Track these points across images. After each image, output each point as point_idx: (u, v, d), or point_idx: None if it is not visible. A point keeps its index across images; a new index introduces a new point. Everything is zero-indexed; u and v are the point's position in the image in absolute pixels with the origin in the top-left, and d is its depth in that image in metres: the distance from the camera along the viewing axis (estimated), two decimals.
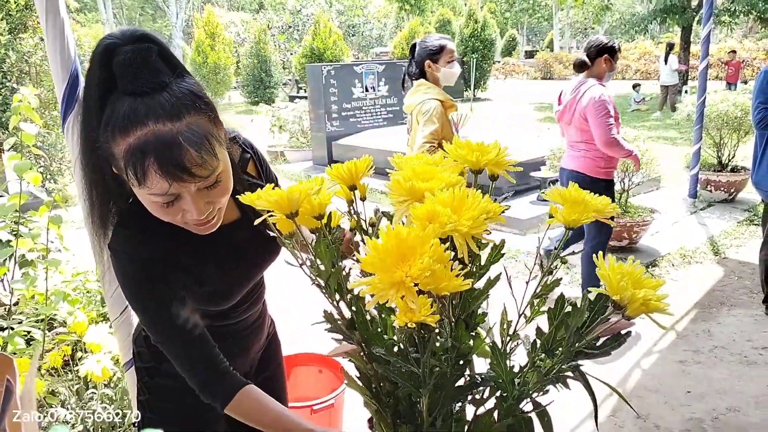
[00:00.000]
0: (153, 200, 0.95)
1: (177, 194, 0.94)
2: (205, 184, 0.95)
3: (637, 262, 0.62)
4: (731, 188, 6.06)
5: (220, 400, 1.08)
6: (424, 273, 0.62)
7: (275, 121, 9.70)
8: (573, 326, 0.65)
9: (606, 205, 0.68)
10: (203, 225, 1.02)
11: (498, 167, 0.77)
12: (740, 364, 3.10)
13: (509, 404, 0.78)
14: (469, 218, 0.66)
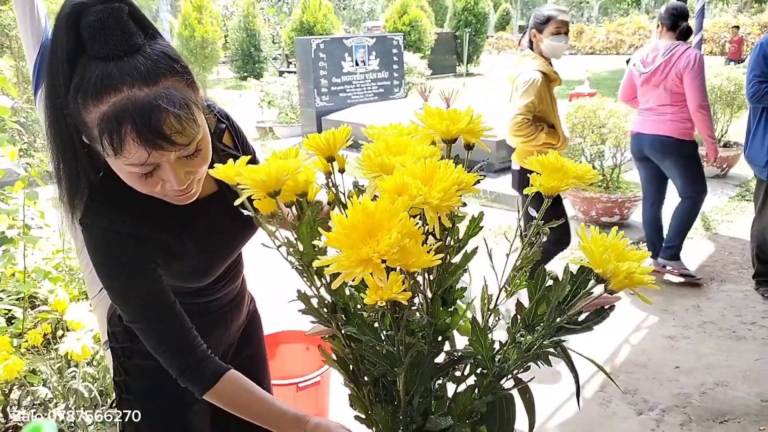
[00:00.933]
0: (130, 171, 0.90)
1: (156, 164, 0.89)
2: (186, 152, 0.90)
3: (621, 233, 0.58)
4: (723, 164, 6.05)
5: (200, 386, 1.04)
6: (393, 249, 0.58)
7: (264, 96, 9.58)
8: (554, 301, 0.62)
9: (587, 171, 0.64)
10: (183, 195, 0.97)
11: (472, 136, 0.72)
12: (729, 339, 3.10)
13: (489, 381, 0.75)
14: (440, 190, 0.62)
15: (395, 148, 0.69)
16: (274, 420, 1.03)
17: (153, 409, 1.26)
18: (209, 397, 1.04)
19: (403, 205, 0.58)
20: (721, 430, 2.42)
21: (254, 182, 0.72)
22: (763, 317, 3.30)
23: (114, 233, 0.99)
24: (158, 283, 1.03)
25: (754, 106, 3.31)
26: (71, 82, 0.86)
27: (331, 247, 0.60)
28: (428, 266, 0.60)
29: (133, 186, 0.93)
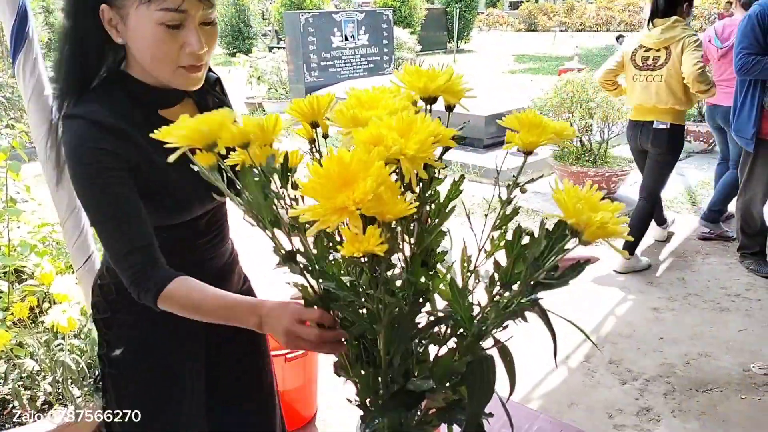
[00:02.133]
0: (159, 19, 0.95)
1: (184, 17, 0.96)
2: (207, 17, 1.00)
3: (594, 187, 0.59)
4: (710, 138, 6.07)
5: (153, 290, 1.00)
6: (367, 196, 0.57)
7: (253, 72, 9.47)
8: (531, 256, 0.62)
9: (564, 127, 0.64)
10: (196, 69, 1.03)
11: (452, 95, 0.72)
12: (713, 311, 3.14)
13: (469, 342, 0.75)
14: (416, 141, 0.62)
15: (368, 103, 0.69)
16: (230, 313, 0.99)
17: (136, 381, 1.25)
18: (163, 303, 1.01)
19: (378, 155, 0.58)
20: (703, 399, 2.46)
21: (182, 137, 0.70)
22: (747, 289, 3.35)
23: (94, 123, 1.00)
24: (127, 187, 1.01)
25: (741, 79, 3.31)
26: None
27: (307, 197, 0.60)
28: (404, 215, 0.60)
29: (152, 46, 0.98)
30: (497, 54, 18.21)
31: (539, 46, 20.03)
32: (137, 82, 1.07)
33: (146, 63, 1.02)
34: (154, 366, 1.24)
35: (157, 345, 1.24)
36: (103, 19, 0.99)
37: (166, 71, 1.02)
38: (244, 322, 0.97)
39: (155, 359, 1.24)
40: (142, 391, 1.25)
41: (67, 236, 1.62)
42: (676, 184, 5.17)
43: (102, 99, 1.04)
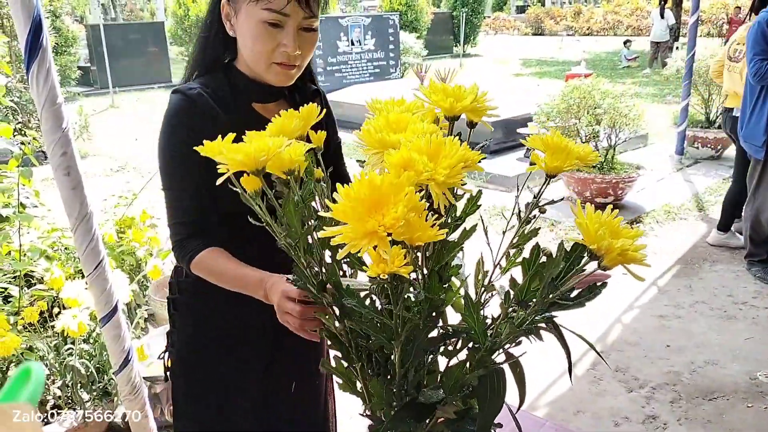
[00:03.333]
0: (262, 17, 1.06)
1: (285, 18, 1.06)
2: (307, 23, 1.09)
3: (615, 212, 0.59)
4: (718, 145, 6.06)
5: (187, 257, 1.12)
6: (399, 222, 0.58)
7: None
8: (548, 277, 0.63)
9: (589, 152, 0.64)
10: (288, 67, 1.11)
11: (475, 114, 0.72)
12: (720, 319, 3.14)
13: (481, 355, 0.76)
14: (446, 166, 0.63)
15: (395, 124, 0.70)
16: (243, 283, 1.08)
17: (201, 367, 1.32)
18: (194, 268, 1.12)
19: (408, 180, 0.59)
20: (709, 407, 2.46)
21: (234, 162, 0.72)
22: (754, 297, 3.34)
23: (190, 100, 1.13)
24: (195, 167, 1.08)
25: (751, 86, 3.30)
26: None
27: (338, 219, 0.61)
28: (432, 240, 0.61)
29: (253, 41, 1.09)
30: (504, 58, 18.21)
31: (546, 50, 20.03)
32: (240, 74, 1.18)
33: (247, 55, 1.13)
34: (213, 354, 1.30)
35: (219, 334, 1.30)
36: (222, 12, 1.13)
37: (262, 65, 1.12)
38: (254, 293, 1.05)
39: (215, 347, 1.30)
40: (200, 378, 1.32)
41: (78, 242, 1.63)
42: (683, 190, 5.17)
43: (207, 82, 1.17)
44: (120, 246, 2.61)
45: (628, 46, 15.39)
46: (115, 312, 1.66)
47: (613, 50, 17.34)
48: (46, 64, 1.52)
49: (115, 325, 1.65)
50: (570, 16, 28.05)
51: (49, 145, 1.53)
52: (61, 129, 1.52)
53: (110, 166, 6.77)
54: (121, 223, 2.73)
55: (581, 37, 25.22)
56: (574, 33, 26.71)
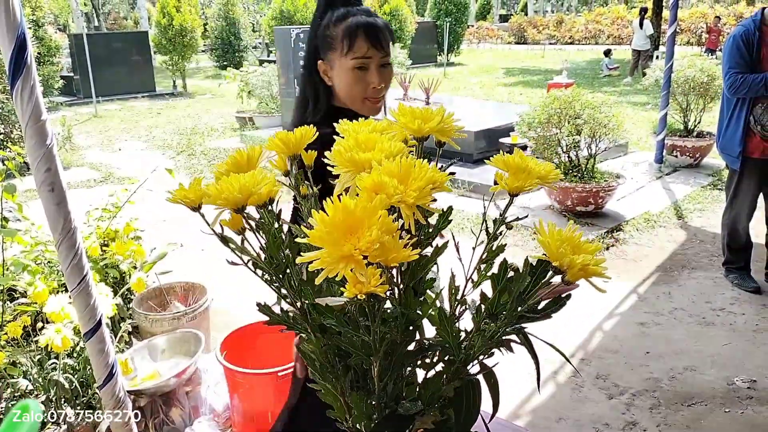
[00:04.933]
0: (351, 65, 1.36)
1: (368, 61, 1.36)
2: (384, 60, 1.38)
3: (576, 227, 0.63)
4: (696, 153, 6.17)
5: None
6: (374, 245, 0.61)
7: (243, 86, 9.51)
8: (516, 291, 0.66)
9: (550, 171, 0.68)
10: (375, 102, 1.40)
11: (443, 134, 0.76)
12: (698, 325, 3.20)
13: (456, 367, 0.79)
14: (415, 189, 0.65)
15: (365, 144, 0.73)
16: None
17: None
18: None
19: (381, 203, 0.61)
20: (688, 413, 2.50)
21: (219, 201, 0.75)
22: (732, 304, 3.41)
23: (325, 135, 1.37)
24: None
25: (727, 98, 3.38)
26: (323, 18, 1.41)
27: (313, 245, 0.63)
28: (407, 260, 0.63)
29: (346, 86, 1.39)
30: (487, 67, 18.37)
31: (529, 59, 20.24)
32: (342, 111, 1.42)
33: (344, 96, 1.41)
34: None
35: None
36: (320, 69, 1.43)
37: (357, 102, 1.41)
38: None
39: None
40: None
41: (61, 258, 1.64)
42: (662, 198, 5.25)
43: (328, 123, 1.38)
44: (103, 259, 2.61)
45: (610, 55, 15.61)
46: (99, 326, 1.67)
47: (595, 59, 17.56)
48: (30, 81, 1.54)
49: (99, 340, 1.66)
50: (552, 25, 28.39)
51: (33, 161, 1.55)
52: (46, 145, 1.54)
53: (93, 177, 6.74)
54: (104, 235, 2.74)
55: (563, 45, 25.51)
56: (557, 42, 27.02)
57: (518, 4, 42.19)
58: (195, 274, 3.25)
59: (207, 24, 18.45)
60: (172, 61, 14.53)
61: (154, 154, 7.90)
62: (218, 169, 0.87)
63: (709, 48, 15.44)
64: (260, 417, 2.28)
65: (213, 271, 3.78)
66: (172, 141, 8.63)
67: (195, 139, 8.70)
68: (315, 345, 0.92)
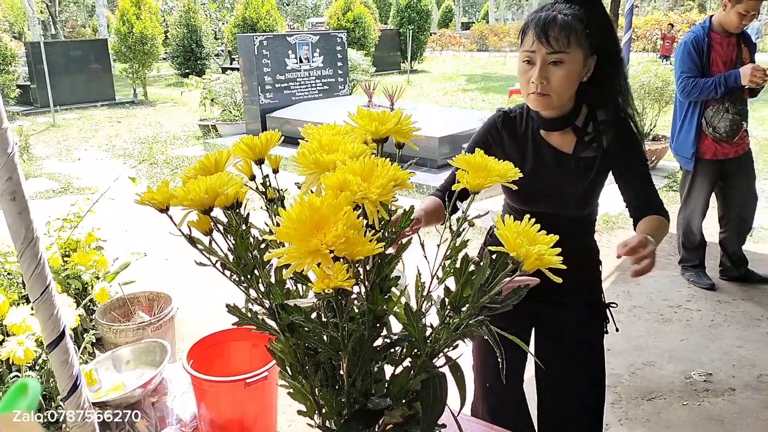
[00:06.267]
0: (522, 58, 1.38)
1: (534, 54, 1.34)
2: (551, 58, 1.33)
3: (532, 221, 0.66)
4: (652, 156, 6.35)
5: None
6: (339, 240, 0.63)
7: (206, 93, 9.43)
8: (477, 283, 0.69)
9: (508, 169, 0.71)
10: (537, 94, 1.36)
11: (401, 135, 0.79)
12: (656, 322, 3.30)
13: (423, 361, 0.81)
14: (378, 186, 0.68)
15: (329, 146, 0.75)
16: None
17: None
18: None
19: (346, 200, 0.64)
20: (649, 406, 2.58)
21: (186, 202, 0.76)
22: (688, 300, 3.52)
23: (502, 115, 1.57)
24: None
25: (680, 101, 3.51)
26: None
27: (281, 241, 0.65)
28: (372, 254, 0.66)
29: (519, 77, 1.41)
30: (450, 74, 18.58)
31: (490, 66, 20.54)
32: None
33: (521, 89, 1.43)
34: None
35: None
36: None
37: (524, 94, 1.42)
38: None
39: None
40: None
41: (24, 268, 1.61)
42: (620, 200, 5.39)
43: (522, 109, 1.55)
44: (65, 269, 2.57)
45: None
46: (62, 337, 1.64)
47: None
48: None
49: (62, 351, 1.63)
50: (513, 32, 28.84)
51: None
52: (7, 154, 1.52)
53: (52, 187, 6.59)
54: (66, 245, 2.69)
55: None
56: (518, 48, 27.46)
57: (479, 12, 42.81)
58: (159, 284, 3.22)
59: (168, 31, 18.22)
60: (132, 69, 14.30)
61: (114, 163, 7.77)
62: (186, 174, 0.88)
63: (663, 54, 15.92)
64: (228, 425, 2.27)
65: (178, 280, 3.74)
66: (133, 150, 8.50)
67: (157, 147, 8.58)
68: (284, 345, 0.93)
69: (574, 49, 1.33)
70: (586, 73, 1.41)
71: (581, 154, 1.49)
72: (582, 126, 1.47)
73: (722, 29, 3.31)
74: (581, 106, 1.47)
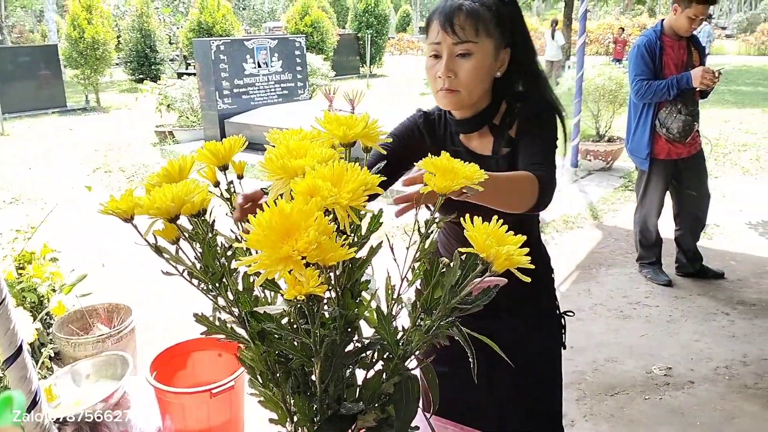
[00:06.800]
0: (428, 52, 1.27)
1: (440, 47, 1.23)
2: (458, 49, 1.22)
3: (500, 222, 0.67)
4: (608, 157, 6.51)
5: None
6: (311, 246, 0.63)
7: (162, 99, 9.26)
8: (447, 285, 0.69)
9: (474, 171, 0.72)
10: (445, 91, 1.25)
11: (369, 139, 0.79)
12: (617, 319, 3.38)
13: (395, 364, 0.81)
14: (348, 191, 0.68)
15: (296, 151, 0.75)
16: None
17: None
18: None
19: (316, 206, 0.63)
20: (612, 402, 2.64)
21: (152, 211, 0.75)
22: (646, 297, 3.62)
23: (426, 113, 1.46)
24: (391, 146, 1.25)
25: (634, 103, 3.60)
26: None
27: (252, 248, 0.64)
28: (343, 259, 0.65)
29: (426, 71, 1.29)
30: (409, 78, 18.68)
31: None
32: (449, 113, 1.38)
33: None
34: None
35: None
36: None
37: (433, 92, 1.30)
38: None
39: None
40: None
41: None
42: (579, 200, 5.51)
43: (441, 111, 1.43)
44: (20, 282, 2.48)
45: None
46: (20, 353, 1.59)
47: None
48: None
49: (20, 367, 1.57)
50: None
51: None
52: None
53: (2, 198, 6.37)
54: (20, 258, 2.60)
55: None
56: None
57: None
58: (119, 294, 3.14)
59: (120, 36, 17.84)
60: (84, 75, 13.94)
61: (67, 172, 7.55)
62: (150, 181, 0.86)
63: (616, 57, 16.33)
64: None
65: (138, 290, 3.65)
66: (87, 158, 8.28)
67: (111, 155, 8.38)
68: (254, 353, 0.92)
69: (482, 39, 1.22)
70: (499, 67, 1.30)
71: (500, 154, 1.35)
72: (500, 124, 1.35)
73: (673, 33, 3.41)
74: (499, 103, 1.35)
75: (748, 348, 3.02)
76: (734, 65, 18.61)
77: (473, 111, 1.33)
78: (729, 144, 7.73)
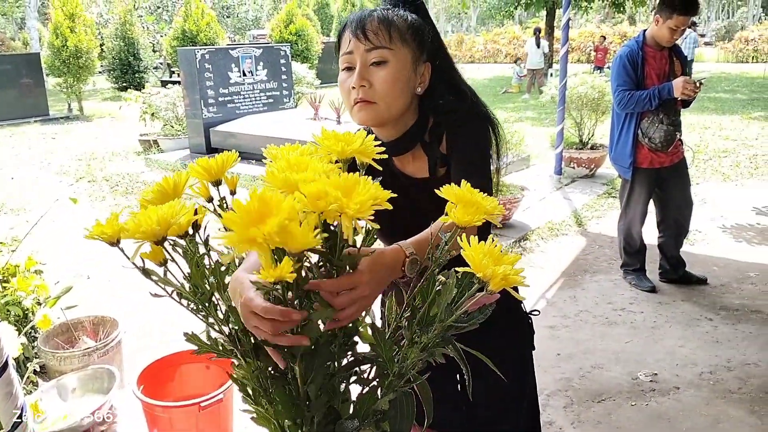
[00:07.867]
0: (341, 65, 1.18)
1: (352, 56, 1.15)
2: (372, 56, 1.15)
3: (496, 240, 0.68)
4: (591, 164, 6.59)
5: None
6: (274, 230, 0.64)
7: (146, 108, 9.20)
8: (444, 303, 0.70)
9: (495, 207, 0.73)
10: (361, 103, 1.16)
11: (364, 155, 0.80)
12: (602, 325, 3.41)
13: (390, 380, 0.82)
14: (357, 202, 0.69)
15: (297, 166, 0.76)
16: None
17: None
18: None
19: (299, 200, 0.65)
20: (599, 408, 2.66)
21: (138, 234, 0.75)
22: (631, 303, 3.66)
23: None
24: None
25: (617, 113, 3.65)
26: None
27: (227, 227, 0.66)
28: (309, 247, 0.66)
29: (340, 87, 1.19)
30: None
31: None
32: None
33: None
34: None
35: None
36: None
37: (348, 109, 1.21)
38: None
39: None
40: None
41: None
42: (563, 208, 5.56)
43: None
44: (4, 296, 2.45)
45: (520, 64, 16.43)
46: (5, 368, 1.57)
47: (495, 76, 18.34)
48: None
49: (6, 383, 1.56)
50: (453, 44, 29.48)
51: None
52: None
53: None
54: (4, 271, 2.57)
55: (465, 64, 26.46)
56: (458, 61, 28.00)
57: None
58: (104, 307, 3.11)
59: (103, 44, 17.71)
60: (67, 84, 13.83)
61: (50, 181, 7.48)
62: (144, 197, 0.87)
63: (597, 65, 16.52)
64: None
65: (123, 303, 3.62)
66: (70, 167, 8.20)
67: (95, 164, 8.31)
68: (246, 370, 0.92)
69: (397, 46, 1.16)
70: (420, 83, 1.23)
71: (437, 175, 1.27)
72: (429, 140, 1.27)
73: (655, 43, 3.47)
74: (427, 119, 1.27)
75: (732, 353, 3.06)
76: (713, 72, 18.93)
77: (400, 130, 1.25)
78: (709, 150, 7.85)
